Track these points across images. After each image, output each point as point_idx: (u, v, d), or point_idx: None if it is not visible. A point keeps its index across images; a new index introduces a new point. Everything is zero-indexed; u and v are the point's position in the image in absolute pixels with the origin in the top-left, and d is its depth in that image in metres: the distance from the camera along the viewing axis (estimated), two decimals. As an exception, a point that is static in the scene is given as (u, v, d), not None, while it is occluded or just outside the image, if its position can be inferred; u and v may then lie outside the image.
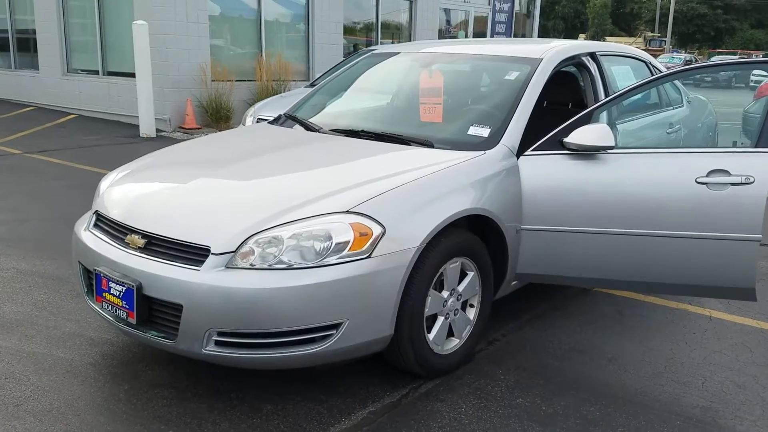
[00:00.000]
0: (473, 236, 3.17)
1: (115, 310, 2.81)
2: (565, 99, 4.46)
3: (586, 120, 3.40)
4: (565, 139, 3.36)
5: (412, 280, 2.84)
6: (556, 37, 62.04)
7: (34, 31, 12.95)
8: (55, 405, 2.78)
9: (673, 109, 4.86)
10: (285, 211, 2.74)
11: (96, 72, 12.07)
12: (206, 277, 2.59)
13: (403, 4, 15.20)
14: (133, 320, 2.74)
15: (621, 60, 4.56)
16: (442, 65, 4.20)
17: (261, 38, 12.07)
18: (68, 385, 2.94)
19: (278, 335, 2.61)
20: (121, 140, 9.89)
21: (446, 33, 16.67)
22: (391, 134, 3.58)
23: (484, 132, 3.47)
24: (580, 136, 3.31)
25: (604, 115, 3.83)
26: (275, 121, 4.19)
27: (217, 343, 2.62)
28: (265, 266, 2.60)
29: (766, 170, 3.17)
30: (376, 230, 2.72)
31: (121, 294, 2.75)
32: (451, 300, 3.11)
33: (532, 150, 3.42)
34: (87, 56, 12.23)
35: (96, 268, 2.90)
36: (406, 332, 2.88)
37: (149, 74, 10.16)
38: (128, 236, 2.86)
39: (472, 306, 3.29)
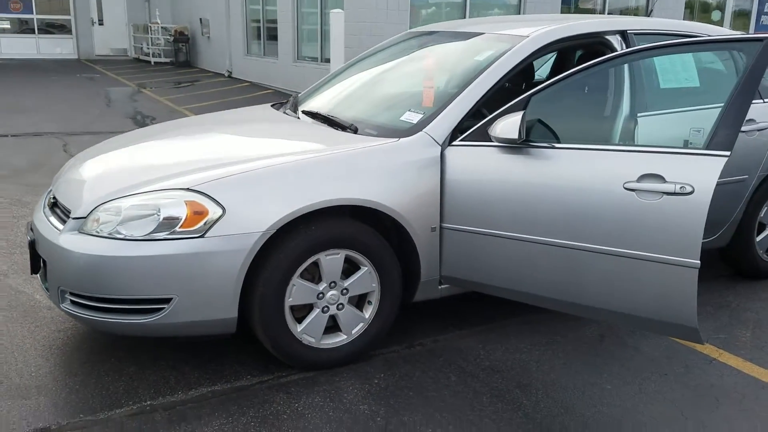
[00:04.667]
0: (365, 229, 2.96)
1: (28, 260, 3.20)
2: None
3: (521, 107, 2.94)
4: (489, 129, 2.96)
5: (261, 265, 2.78)
6: None
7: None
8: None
9: (763, 102, 3.90)
10: (140, 184, 2.86)
11: (316, 59, 13.09)
12: (61, 238, 2.83)
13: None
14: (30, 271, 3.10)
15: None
16: (435, 46, 3.92)
17: (464, 23, 12.00)
18: (23, 324, 3.41)
19: (112, 302, 2.75)
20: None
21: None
22: (331, 117, 3.48)
23: (415, 118, 3.20)
24: (498, 126, 2.90)
25: (623, 104, 3.28)
26: (286, 103, 4.28)
27: (73, 302, 2.85)
28: (105, 234, 2.75)
29: (709, 178, 2.49)
30: (214, 210, 2.71)
31: (28, 247, 3.13)
32: (331, 293, 2.96)
33: (461, 140, 3.08)
34: (311, 45, 13.32)
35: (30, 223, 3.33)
36: (257, 318, 2.83)
37: (342, 60, 10.76)
38: (48, 198, 3.23)
39: (371, 303, 3.08)
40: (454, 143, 3.08)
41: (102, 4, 22.46)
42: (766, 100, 3.91)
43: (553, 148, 2.83)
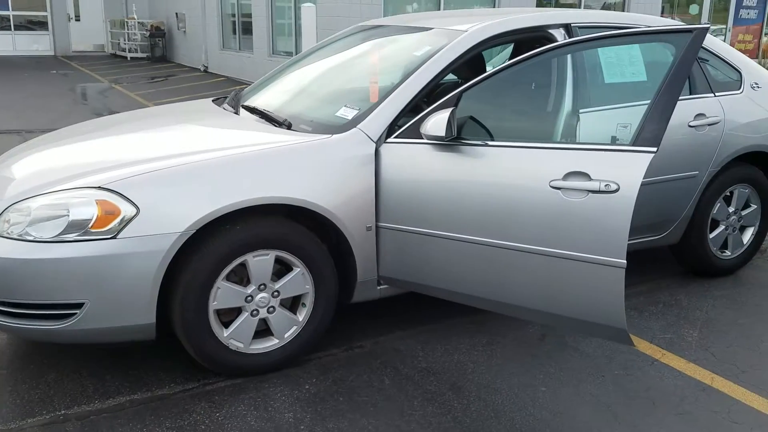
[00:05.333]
0: (297, 228, 2.86)
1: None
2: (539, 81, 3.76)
3: (452, 104, 2.85)
4: (420, 126, 2.86)
5: (182, 268, 2.67)
6: None
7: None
8: None
9: (713, 96, 3.82)
10: (53, 182, 2.74)
11: (290, 53, 12.95)
12: (-26, 240, 2.70)
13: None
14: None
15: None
16: (380, 41, 3.82)
17: (438, 17, 11.90)
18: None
19: (22, 306, 2.63)
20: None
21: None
22: (267, 112, 3.38)
23: (350, 114, 3.10)
24: (428, 124, 2.81)
25: (565, 99, 3.18)
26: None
27: (-13, 306, 2.73)
28: (15, 236, 2.63)
29: (634, 175, 2.40)
30: (127, 210, 2.59)
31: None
32: (260, 295, 2.85)
33: (395, 137, 2.98)
34: (286, 39, 13.18)
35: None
36: (179, 323, 2.72)
37: (313, 54, 10.64)
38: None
39: (305, 305, 2.98)
40: (389, 140, 2.98)
41: (78, -1, 22.25)
42: (716, 94, 3.83)
43: (484, 145, 2.74)
